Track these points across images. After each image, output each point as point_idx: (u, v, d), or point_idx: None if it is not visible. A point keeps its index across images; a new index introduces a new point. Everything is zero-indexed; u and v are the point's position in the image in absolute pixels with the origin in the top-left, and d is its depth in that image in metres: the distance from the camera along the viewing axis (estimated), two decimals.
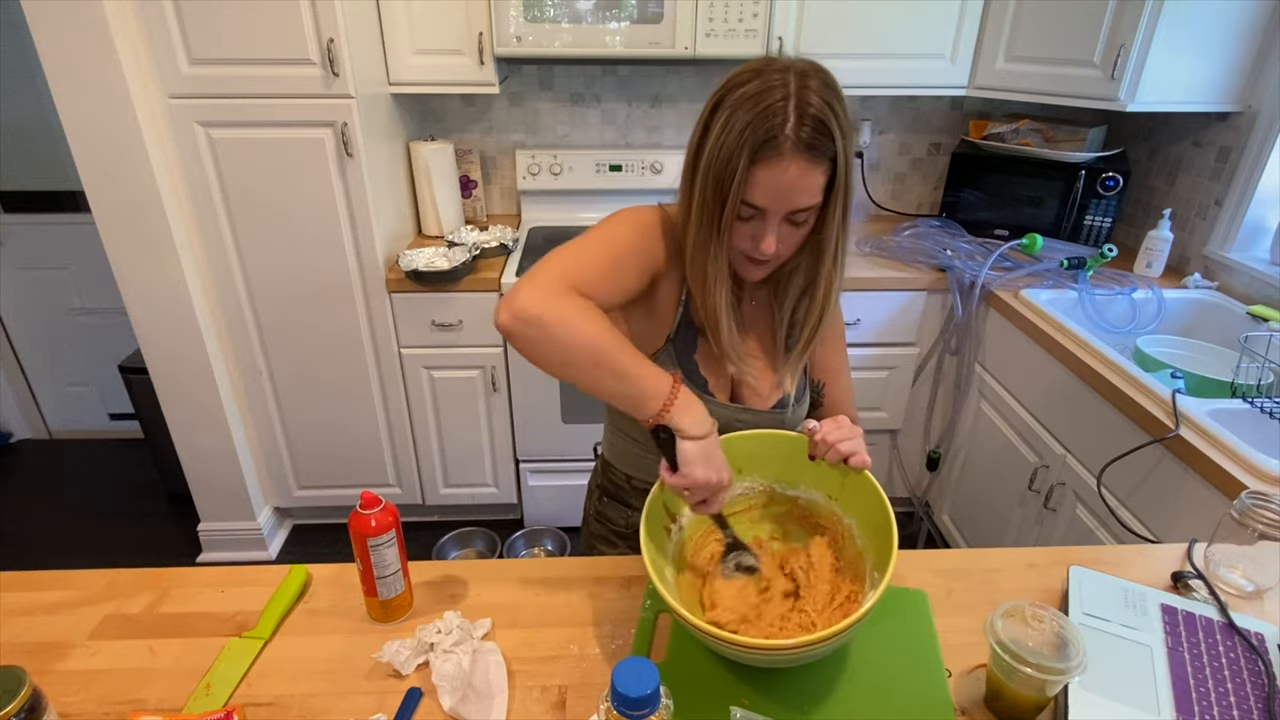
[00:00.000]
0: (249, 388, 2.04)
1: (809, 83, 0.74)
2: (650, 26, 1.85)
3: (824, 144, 0.74)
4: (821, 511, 0.86)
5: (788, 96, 0.73)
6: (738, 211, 0.79)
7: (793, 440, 0.86)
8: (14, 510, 2.48)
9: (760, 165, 0.75)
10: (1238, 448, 1.17)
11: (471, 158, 2.30)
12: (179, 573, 0.91)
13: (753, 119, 0.73)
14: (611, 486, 1.09)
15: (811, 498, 0.87)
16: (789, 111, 0.73)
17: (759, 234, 0.80)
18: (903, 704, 0.73)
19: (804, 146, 0.73)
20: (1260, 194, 1.78)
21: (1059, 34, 1.84)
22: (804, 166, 0.75)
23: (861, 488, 0.80)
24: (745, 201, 0.78)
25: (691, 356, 0.92)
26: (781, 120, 0.73)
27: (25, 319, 2.65)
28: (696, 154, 0.80)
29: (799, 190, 0.76)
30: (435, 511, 2.33)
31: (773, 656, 0.70)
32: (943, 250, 2.06)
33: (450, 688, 0.72)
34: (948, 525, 2.16)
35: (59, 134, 1.76)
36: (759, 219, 0.79)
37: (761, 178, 0.75)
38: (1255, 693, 0.72)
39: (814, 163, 0.75)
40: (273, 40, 1.63)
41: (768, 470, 0.89)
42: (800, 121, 0.73)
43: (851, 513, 0.83)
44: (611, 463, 1.08)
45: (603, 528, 1.12)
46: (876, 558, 0.77)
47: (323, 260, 1.87)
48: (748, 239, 0.82)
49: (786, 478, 0.88)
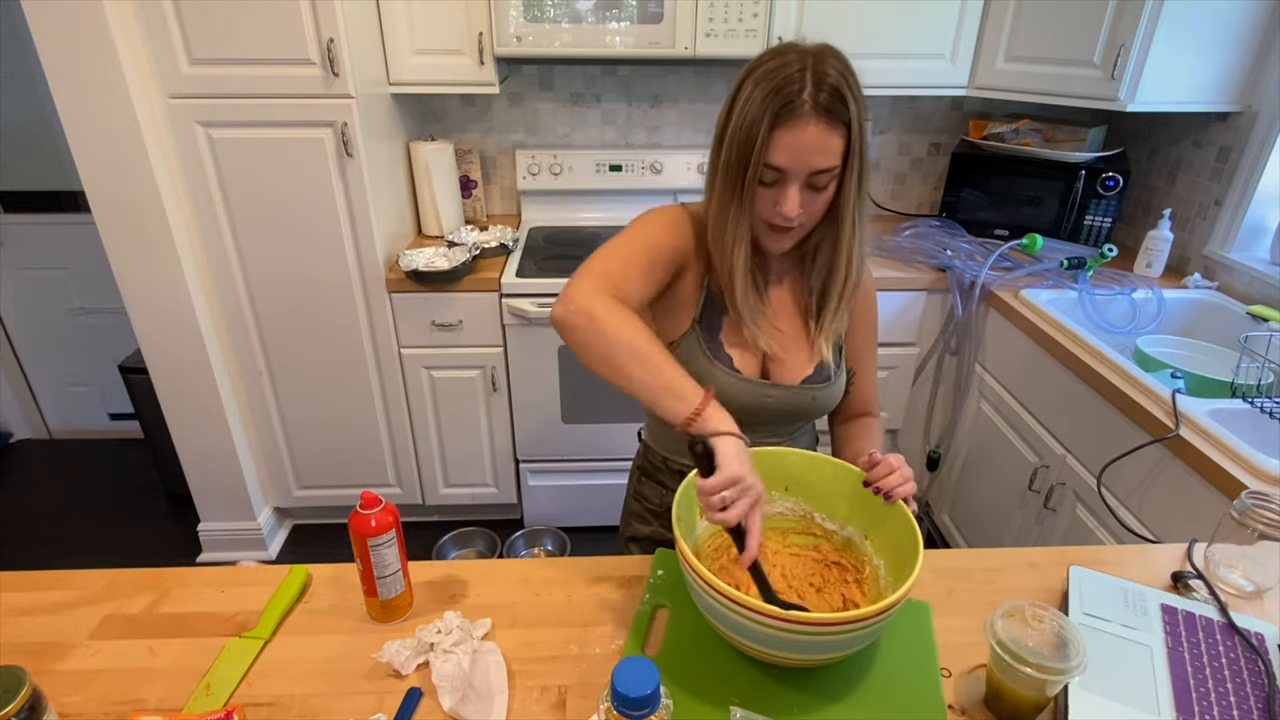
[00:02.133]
0: (249, 388, 2.04)
1: (825, 57, 0.81)
2: (650, 26, 1.85)
3: (839, 109, 0.80)
4: (855, 549, 0.86)
5: (805, 68, 0.80)
6: (760, 175, 0.84)
7: (842, 470, 0.86)
8: (14, 510, 2.48)
9: (781, 128, 0.81)
10: (1238, 448, 1.17)
11: (471, 158, 2.30)
12: (179, 573, 0.91)
13: (773, 87, 0.80)
14: (649, 466, 1.13)
15: (848, 534, 0.87)
16: (806, 80, 0.79)
17: (781, 197, 0.85)
18: (898, 706, 0.73)
19: (821, 109, 0.80)
20: (1260, 194, 1.78)
21: (1059, 34, 1.84)
22: (822, 129, 0.80)
23: (899, 529, 0.79)
24: (768, 164, 0.83)
25: (716, 336, 0.96)
26: (799, 87, 0.79)
27: (25, 319, 2.65)
28: (722, 128, 0.86)
29: (817, 151, 0.81)
30: (435, 511, 2.33)
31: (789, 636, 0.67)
32: (943, 250, 2.06)
33: (450, 688, 0.72)
34: (948, 525, 2.16)
35: (59, 134, 1.76)
36: (781, 183, 0.84)
37: (782, 140, 0.81)
38: (1255, 693, 0.72)
39: (831, 126, 0.81)
40: (273, 40, 1.63)
41: (815, 499, 0.89)
42: (817, 88, 0.79)
43: (881, 553, 0.83)
44: (650, 444, 1.13)
45: (639, 505, 1.16)
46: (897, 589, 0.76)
47: (323, 260, 1.87)
48: (770, 205, 0.86)
49: (829, 508, 0.88)
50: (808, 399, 0.98)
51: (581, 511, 2.29)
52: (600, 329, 0.79)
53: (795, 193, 0.84)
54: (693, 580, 0.70)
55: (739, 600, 0.65)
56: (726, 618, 0.69)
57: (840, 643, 0.68)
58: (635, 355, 0.79)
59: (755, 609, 0.65)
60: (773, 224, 0.88)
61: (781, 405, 0.98)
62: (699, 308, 0.97)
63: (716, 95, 2.28)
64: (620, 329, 0.79)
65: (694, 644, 0.79)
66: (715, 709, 0.71)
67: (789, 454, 0.87)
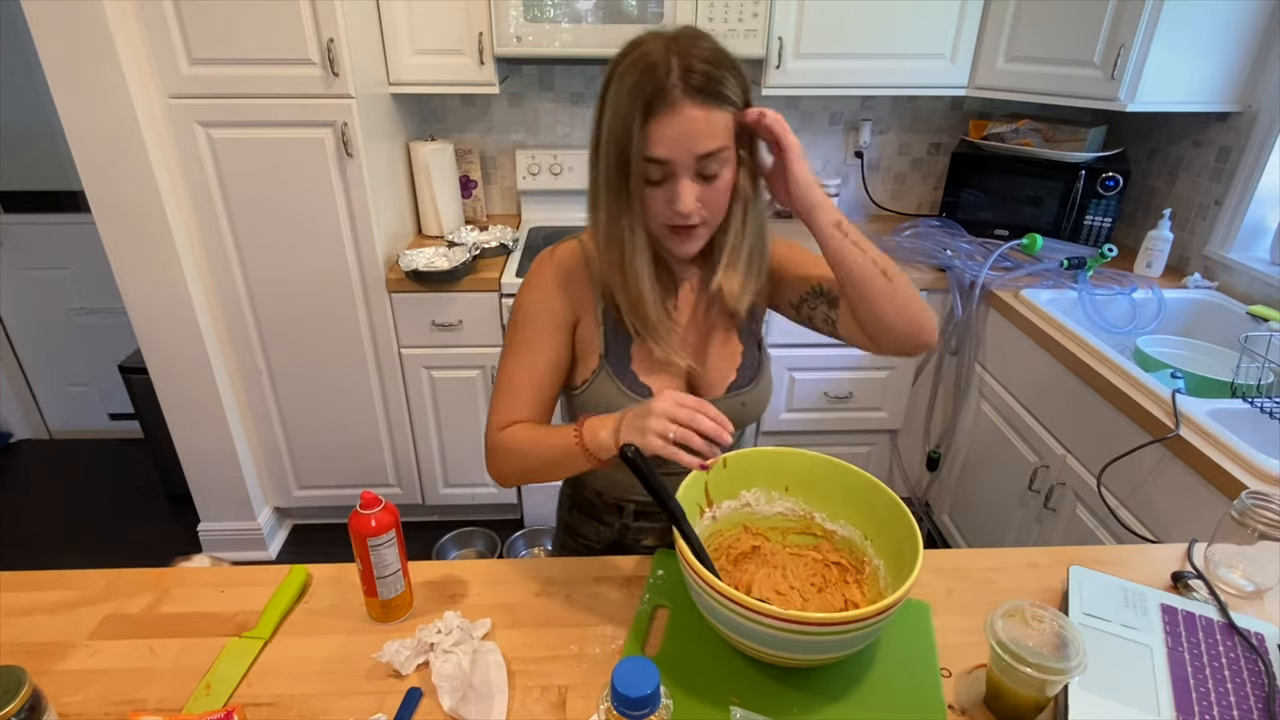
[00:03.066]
0: (249, 388, 2.04)
1: (688, 38, 0.77)
2: (650, 27, 1.84)
3: (715, 87, 0.75)
4: (855, 549, 0.86)
5: (669, 51, 0.75)
6: (646, 173, 0.78)
7: (842, 470, 0.85)
8: (14, 510, 2.48)
9: (655, 119, 0.75)
10: (1238, 448, 1.17)
11: (471, 158, 2.30)
12: (179, 573, 0.91)
13: (639, 78, 0.75)
14: (582, 501, 1.06)
15: (848, 534, 0.86)
16: (671, 63, 0.74)
17: (673, 193, 0.79)
18: (898, 706, 0.73)
19: (694, 90, 0.74)
20: (1260, 194, 1.78)
21: (1059, 34, 1.84)
22: (700, 111, 0.75)
23: (899, 529, 0.78)
24: (650, 158, 0.77)
25: (628, 367, 0.91)
26: (665, 71, 0.74)
27: (25, 319, 2.65)
28: (596, 134, 0.81)
29: (698, 135, 0.76)
30: (435, 511, 2.33)
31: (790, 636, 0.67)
32: (943, 250, 2.06)
33: (450, 688, 0.72)
34: (948, 525, 2.16)
35: (59, 134, 1.76)
36: (671, 179, 0.78)
37: (658, 130, 0.75)
38: (1255, 693, 0.72)
39: (710, 105, 0.75)
40: (273, 40, 1.63)
41: (815, 498, 0.88)
42: (686, 69, 0.74)
43: (882, 553, 0.82)
44: (579, 481, 1.06)
45: (574, 541, 1.09)
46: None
47: (323, 260, 1.87)
48: (665, 205, 0.80)
49: (829, 508, 0.88)
50: (736, 406, 0.93)
51: None
52: (505, 473, 0.89)
53: (688, 185, 0.78)
54: (693, 581, 0.70)
55: (740, 601, 0.65)
56: (728, 619, 0.69)
57: (840, 643, 0.68)
58: (531, 471, 0.86)
59: (756, 609, 0.65)
60: (673, 226, 0.82)
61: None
62: (602, 343, 0.91)
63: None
64: (506, 464, 0.88)
65: (694, 644, 0.79)
66: (715, 709, 0.71)
67: (788, 454, 0.87)
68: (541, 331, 0.90)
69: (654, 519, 1.02)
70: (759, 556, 0.87)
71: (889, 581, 0.79)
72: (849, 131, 2.37)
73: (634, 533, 1.03)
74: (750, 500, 0.88)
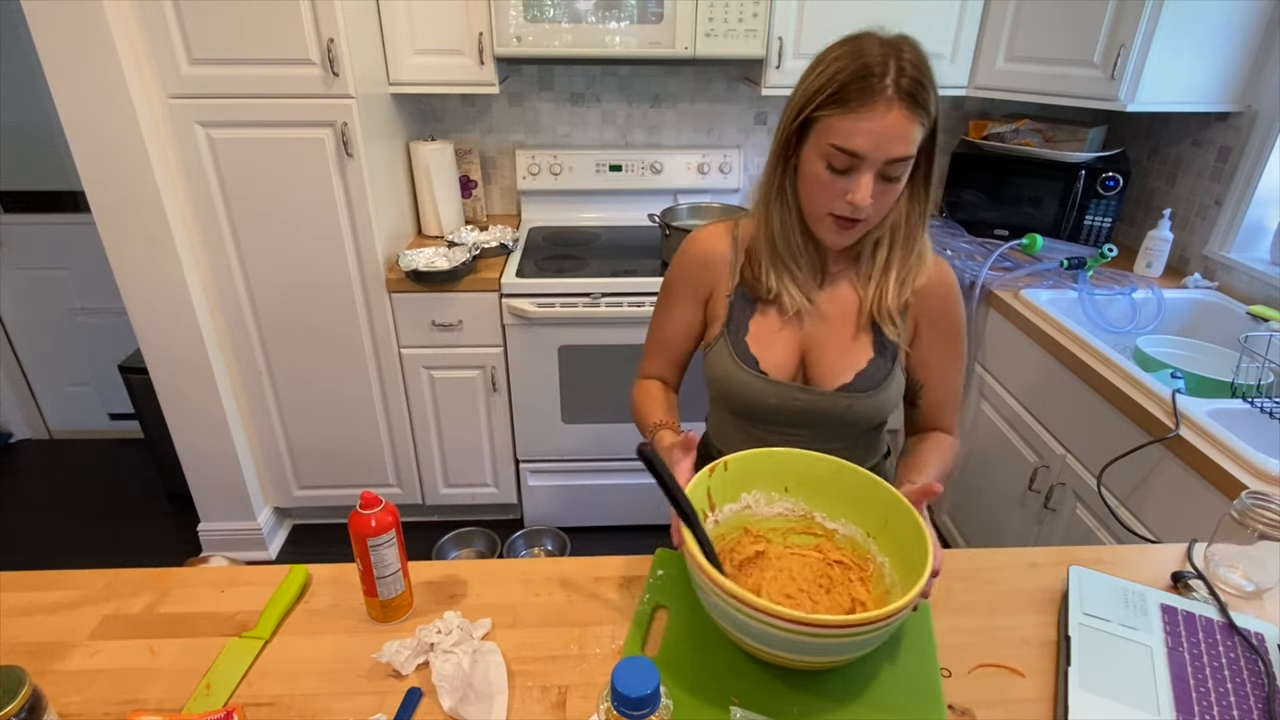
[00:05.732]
0: (249, 388, 2.04)
1: (904, 42, 0.80)
2: (650, 26, 1.85)
3: (923, 96, 0.78)
4: (857, 548, 0.85)
5: (887, 53, 0.78)
6: (830, 158, 0.81)
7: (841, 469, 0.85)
8: (14, 510, 2.48)
9: (860, 112, 0.78)
10: (1238, 448, 1.17)
11: (471, 158, 2.30)
12: (179, 573, 0.91)
13: (855, 68, 0.78)
14: (704, 453, 1.11)
15: (850, 534, 0.86)
16: (889, 63, 0.77)
17: (852, 186, 0.81)
18: (898, 706, 0.73)
19: (904, 94, 0.77)
20: (1260, 194, 1.78)
21: (1059, 34, 1.84)
22: (904, 114, 0.78)
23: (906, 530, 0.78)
24: (843, 149, 0.80)
25: (743, 337, 0.97)
26: (882, 70, 0.77)
27: (25, 319, 2.64)
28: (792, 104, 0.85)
29: (897, 138, 0.78)
30: (435, 511, 2.33)
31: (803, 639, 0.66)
32: (943, 250, 2.06)
33: (450, 688, 0.72)
34: (948, 525, 2.16)
35: (59, 134, 1.76)
36: (854, 170, 0.81)
37: (861, 124, 0.78)
38: (1255, 693, 0.72)
39: (913, 113, 0.78)
40: (273, 40, 1.63)
41: (815, 498, 0.88)
42: (900, 72, 0.77)
43: (887, 550, 0.82)
44: (709, 434, 1.15)
45: None
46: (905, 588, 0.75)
47: (323, 260, 1.87)
48: (839, 195, 0.83)
49: (829, 508, 0.87)
50: (842, 407, 0.94)
51: (581, 511, 2.29)
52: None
53: (869, 181, 0.81)
54: (706, 585, 0.69)
55: (760, 607, 0.64)
56: (743, 623, 0.67)
57: (859, 644, 0.67)
58: (636, 424, 1.04)
59: (777, 614, 0.64)
60: (838, 215, 0.85)
61: (812, 410, 0.95)
62: (727, 314, 0.98)
63: (717, 95, 2.28)
64: (631, 410, 1.07)
65: (694, 644, 0.79)
66: (715, 709, 0.71)
67: (788, 454, 0.87)
68: (676, 299, 1.03)
69: None
70: (763, 561, 0.87)
71: (896, 578, 0.79)
72: None
73: None
74: (750, 502, 0.88)
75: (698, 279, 1.01)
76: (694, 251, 1.01)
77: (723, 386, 0.99)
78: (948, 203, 2.26)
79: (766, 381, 0.95)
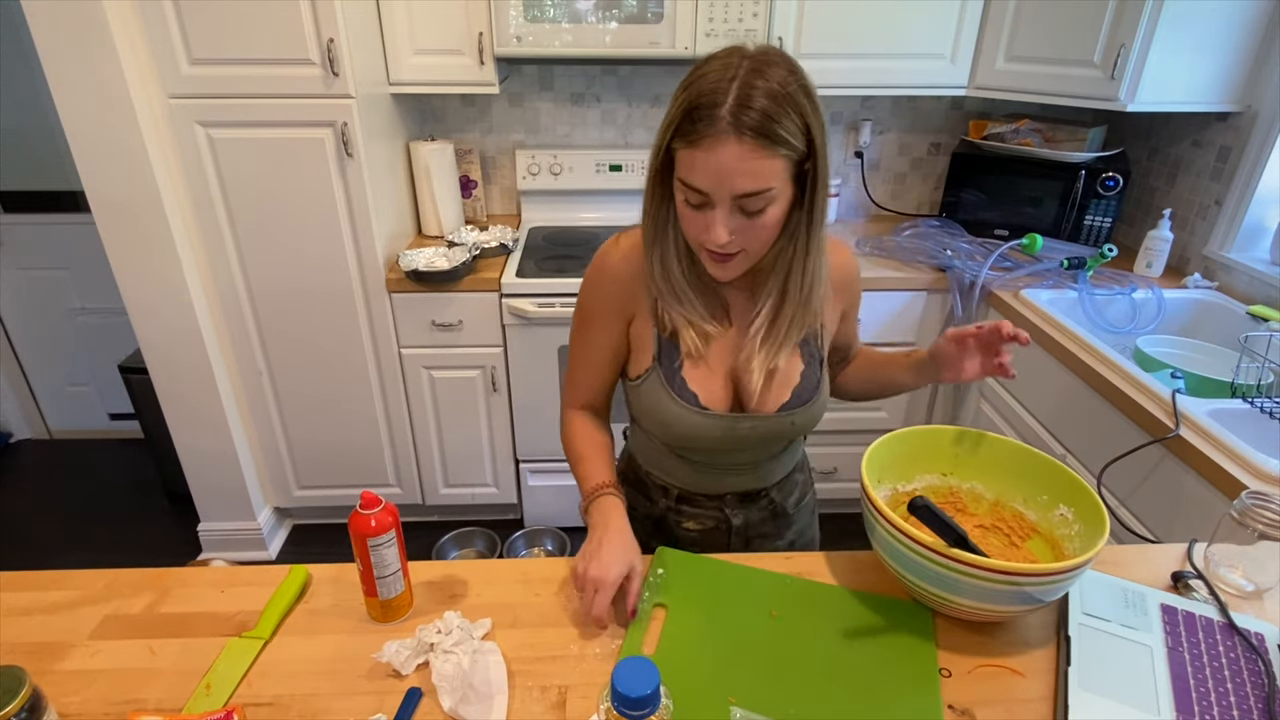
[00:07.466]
0: (249, 388, 2.04)
1: (766, 69, 0.72)
2: (650, 26, 1.85)
3: (769, 127, 0.71)
4: (1012, 512, 0.91)
5: (734, 78, 0.71)
6: (685, 194, 0.77)
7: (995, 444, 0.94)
8: (14, 510, 2.48)
9: (698, 147, 0.72)
10: (1238, 448, 1.17)
11: (471, 158, 2.30)
12: (179, 573, 0.91)
13: (694, 100, 0.72)
14: (632, 475, 1.08)
15: (993, 497, 0.93)
16: (730, 93, 0.71)
17: (709, 221, 0.77)
18: (898, 706, 0.73)
19: (744, 128, 0.70)
20: (1260, 194, 1.78)
21: (1059, 34, 1.84)
22: (745, 149, 0.71)
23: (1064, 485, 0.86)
24: (688, 184, 0.76)
25: (678, 371, 0.91)
26: (721, 101, 0.71)
27: (25, 319, 2.65)
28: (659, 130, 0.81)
29: (738, 174, 0.72)
30: (435, 511, 2.33)
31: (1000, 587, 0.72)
32: (943, 250, 2.06)
33: (450, 688, 0.72)
34: None
35: (59, 134, 1.76)
36: (706, 206, 0.77)
37: (699, 160, 0.73)
38: (1255, 693, 0.72)
39: (757, 147, 0.71)
40: (273, 40, 1.63)
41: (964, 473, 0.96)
42: (741, 104, 0.70)
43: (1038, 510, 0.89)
44: (634, 455, 1.08)
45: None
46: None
47: (323, 260, 1.87)
48: (702, 229, 0.78)
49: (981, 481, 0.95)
50: (786, 425, 0.92)
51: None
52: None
53: (721, 217, 0.75)
54: (884, 531, 0.77)
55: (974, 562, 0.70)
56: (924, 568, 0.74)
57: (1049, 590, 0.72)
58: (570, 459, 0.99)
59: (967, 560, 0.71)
60: (708, 250, 0.80)
61: (756, 435, 0.93)
62: (655, 343, 0.91)
63: None
64: (561, 444, 1.02)
65: (694, 644, 0.79)
66: (715, 709, 0.71)
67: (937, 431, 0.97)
68: (595, 321, 0.94)
69: (697, 505, 1.02)
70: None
71: (1080, 528, 0.83)
72: (849, 131, 2.37)
73: (676, 514, 1.03)
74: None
75: (619, 298, 0.92)
76: (610, 269, 0.92)
77: (659, 421, 0.93)
78: (948, 203, 2.26)
79: (708, 416, 0.90)
